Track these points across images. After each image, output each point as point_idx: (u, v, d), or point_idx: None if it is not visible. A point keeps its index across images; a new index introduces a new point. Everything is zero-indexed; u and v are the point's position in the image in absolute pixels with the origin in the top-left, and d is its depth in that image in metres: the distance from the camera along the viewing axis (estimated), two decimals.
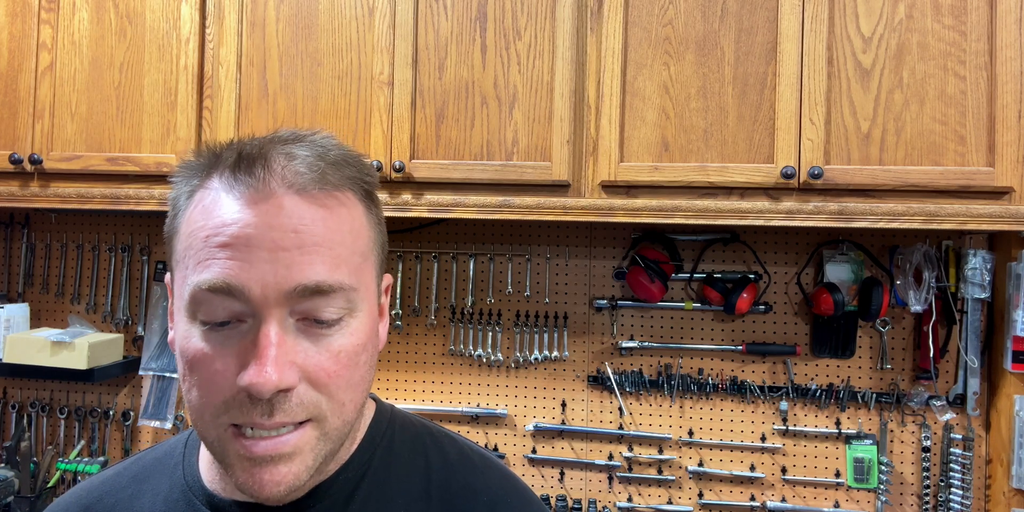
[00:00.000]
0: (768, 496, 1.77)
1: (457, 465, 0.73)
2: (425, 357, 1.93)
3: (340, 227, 0.60)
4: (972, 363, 1.65)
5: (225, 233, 0.56)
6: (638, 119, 1.50)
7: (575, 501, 1.84)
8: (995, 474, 1.65)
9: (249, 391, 0.54)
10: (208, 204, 0.58)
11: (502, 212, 1.54)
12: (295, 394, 0.56)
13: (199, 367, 0.57)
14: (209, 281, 0.55)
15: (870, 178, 1.42)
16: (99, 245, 2.08)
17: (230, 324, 0.57)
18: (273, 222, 0.56)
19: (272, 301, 0.56)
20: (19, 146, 1.71)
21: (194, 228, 0.58)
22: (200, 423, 0.58)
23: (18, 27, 1.73)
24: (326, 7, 1.61)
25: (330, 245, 0.58)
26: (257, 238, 0.56)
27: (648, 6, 1.51)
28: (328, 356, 0.58)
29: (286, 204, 0.57)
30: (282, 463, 0.56)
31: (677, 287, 1.84)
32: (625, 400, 1.84)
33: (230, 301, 0.56)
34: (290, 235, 0.56)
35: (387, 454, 0.71)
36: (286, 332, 0.56)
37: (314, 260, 0.57)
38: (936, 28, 1.42)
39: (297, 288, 0.56)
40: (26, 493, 1.86)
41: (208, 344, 0.57)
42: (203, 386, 0.57)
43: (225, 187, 0.58)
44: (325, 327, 0.58)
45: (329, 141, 0.64)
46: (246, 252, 0.56)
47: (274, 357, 0.54)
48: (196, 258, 0.57)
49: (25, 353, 1.87)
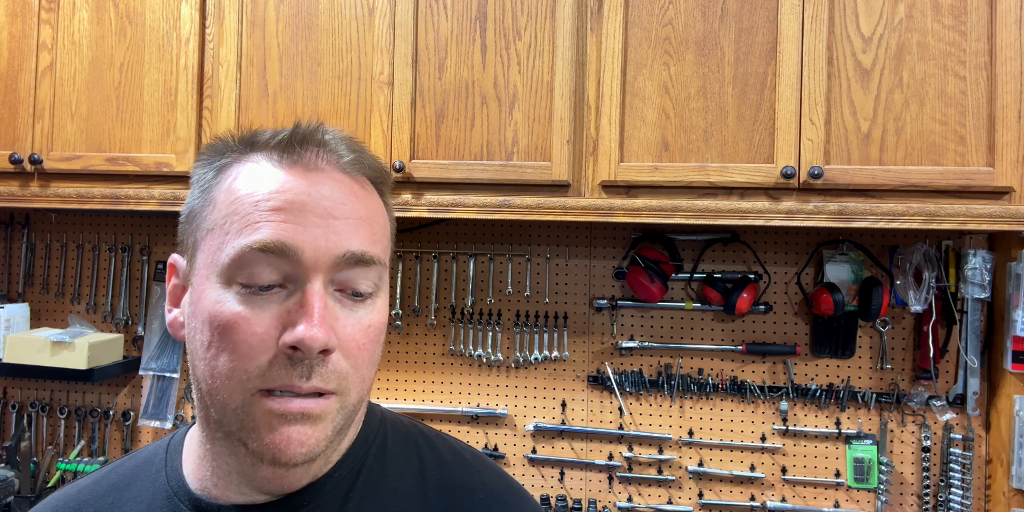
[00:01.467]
0: (768, 496, 1.77)
1: (451, 464, 0.73)
2: (425, 357, 1.93)
3: (375, 207, 0.65)
4: (972, 363, 1.65)
5: (278, 198, 0.59)
6: (638, 119, 1.50)
7: (575, 501, 1.84)
8: (995, 474, 1.65)
9: (300, 346, 0.55)
10: (253, 174, 0.61)
11: (502, 212, 1.54)
12: (331, 360, 0.58)
13: (234, 331, 0.57)
14: (262, 241, 0.57)
15: (870, 178, 1.42)
16: (99, 245, 2.08)
17: (272, 289, 0.58)
18: (325, 192, 0.60)
19: (321, 265, 0.58)
20: (19, 146, 1.71)
21: (239, 195, 0.60)
22: (224, 390, 0.58)
23: (18, 27, 1.73)
24: (326, 7, 1.61)
25: (370, 222, 0.62)
26: (311, 205, 0.59)
27: (648, 6, 1.51)
28: (360, 328, 0.60)
29: (335, 178, 0.62)
30: (309, 424, 0.57)
31: (677, 287, 1.84)
32: (625, 400, 1.84)
33: (280, 262, 0.57)
34: (339, 206, 0.60)
35: (381, 452, 0.71)
36: (328, 297, 0.59)
37: (360, 231, 0.60)
38: (936, 28, 1.42)
39: (346, 254, 0.59)
40: (26, 493, 1.86)
41: (247, 307, 0.57)
42: (238, 350, 0.57)
43: (274, 160, 0.62)
44: (359, 300, 0.61)
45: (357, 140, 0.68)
46: (300, 216, 0.58)
47: (322, 316, 0.56)
48: (244, 222, 0.58)
49: (25, 353, 1.87)
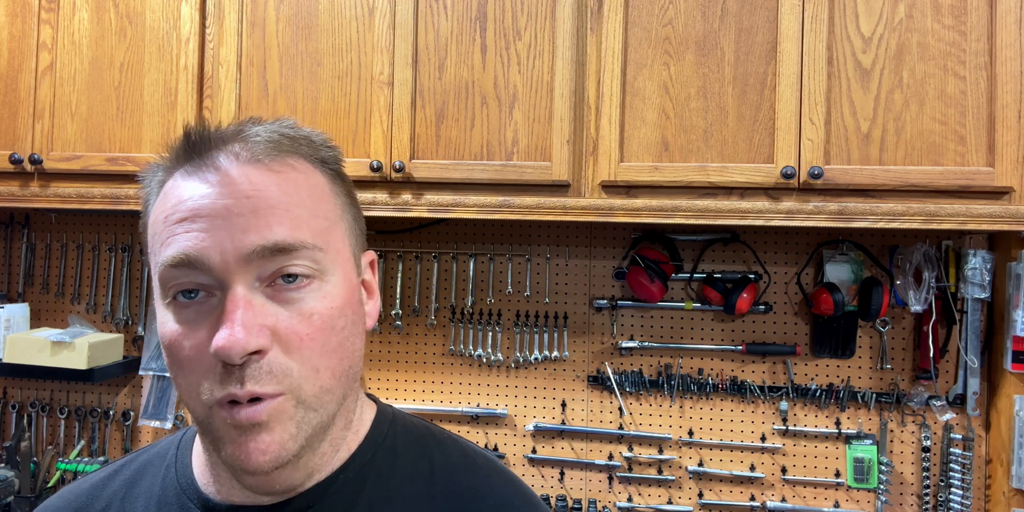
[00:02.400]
0: (768, 496, 1.77)
1: (461, 467, 0.72)
2: (425, 357, 1.93)
3: (296, 190, 0.60)
4: (972, 363, 1.65)
5: (182, 209, 0.58)
6: (638, 119, 1.50)
7: (575, 501, 1.84)
8: (995, 474, 1.65)
9: (219, 355, 0.54)
10: (169, 191, 0.60)
11: (502, 212, 1.54)
12: (266, 361, 0.56)
13: (177, 349, 0.57)
14: (170, 256, 0.56)
15: (870, 178, 1.42)
16: (99, 245, 2.08)
17: (199, 299, 0.57)
18: (224, 191, 0.57)
19: (234, 266, 0.56)
20: (19, 146, 1.71)
21: (157, 215, 0.60)
22: (190, 405, 0.59)
23: (18, 27, 1.73)
24: (326, 7, 1.61)
25: (286, 206, 0.59)
26: (209, 207, 0.57)
27: (648, 6, 1.51)
28: (300, 319, 0.57)
29: (235, 172, 0.59)
30: (264, 432, 0.56)
31: (677, 287, 1.84)
32: (625, 400, 1.84)
33: (194, 274, 0.56)
34: (243, 201, 0.57)
35: (390, 455, 0.70)
36: (253, 295, 0.56)
37: (271, 221, 0.57)
38: (936, 28, 1.42)
39: (256, 249, 0.56)
40: (26, 493, 1.86)
41: (181, 324, 0.57)
42: (183, 366, 0.57)
43: (183, 174, 0.60)
44: (295, 289, 0.58)
45: (288, 122, 0.65)
46: (201, 222, 0.57)
47: (241, 319, 0.54)
48: (160, 239, 0.58)
49: (25, 353, 1.87)
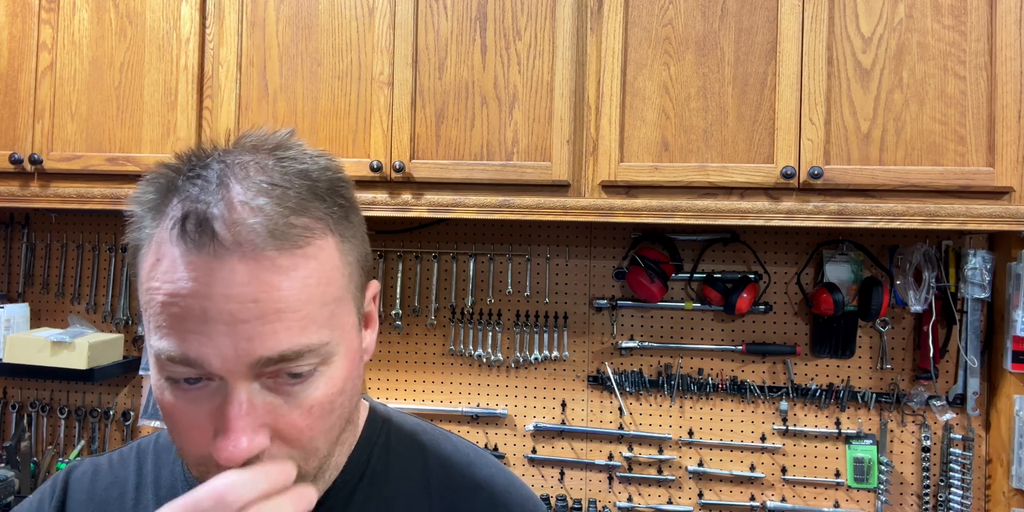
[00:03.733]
0: (768, 496, 1.77)
1: (455, 462, 0.74)
2: (425, 357, 1.93)
3: (306, 285, 0.54)
4: (972, 363, 1.65)
5: (180, 305, 0.52)
6: (638, 119, 1.50)
7: (575, 501, 1.84)
8: (995, 474, 1.65)
9: (221, 463, 0.53)
10: (163, 262, 0.54)
11: (502, 212, 1.54)
12: (266, 453, 0.55)
13: (174, 419, 0.56)
14: (168, 352, 0.53)
15: (870, 178, 1.42)
16: (99, 245, 2.08)
17: (199, 385, 0.55)
18: (229, 293, 0.52)
19: (236, 372, 0.53)
20: (19, 146, 1.71)
21: (150, 286, 0.54)
22: (184, 457, 0.59)
23: (18, 27, 1.73)
24: (326, 7, 1.61)
25: (295, 308, 0.54)
26: (214, 311, 0.52)
27: (648, 6, 1.51)
28: (300, 412, 0.56)
29: (241, 272, 0.52)
30: None
31: (677, 287, 1.84)
32: (625, 400, 1.84)
33: (192, 370, 0.54)
34: (249, 306, 0.52)
35: (384, 453, 0.71)
36: (254, 395, 0.54)
37: (277, 328, 0.53)
38: (936, 28, 1.42)
39: (260, 360, 0.53)
40: (26, 493, 1.86)
41: (180, 401, 0.55)
42: (180, 436, 0.57)
43: (178, 244, 0.53)
44: (297, 383, 0.55)
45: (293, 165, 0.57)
46: (203, 326, 0.52)
47: (243, 427, 0.53)
48: (155, 322, 0.54)
49: (25, 353, 1.87)
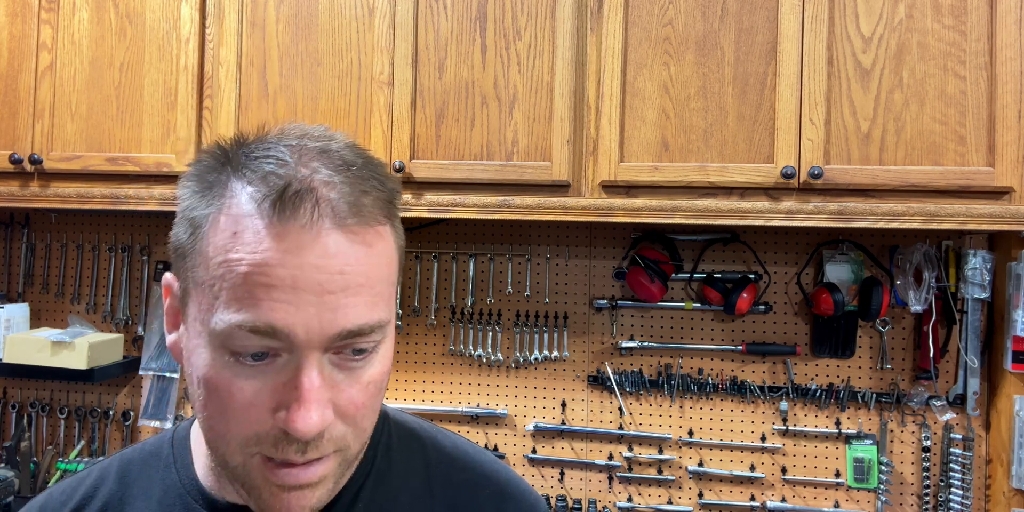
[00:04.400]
0: (768, 496, 1.77)
1: (456, 459, 0.75)
2: (425, 357, 1.93)
3: (380, 263, 0.59)
4: (972, 363, 1.65)
5: (269, 273, 0.53)
6: (638, 119, 1.50)
7: (575, 501, 1.84)
8: (995, 474, 1.65)
9: (294, 434, 0.54)
10: (244, 234, 0.54)
11: (502, 212, 1.54)
12: (327, 431, 0.56)
13: (229, 399, 0.55)
14: (252, 323, 0.53)
15: (870, 178, 1.42)
16: (99, 245, 2.08)
17: (265, 359, 0.55)
18: (320, 263, 0.54)
19: (316, 344, 0.54)
20: (19, 146, 1.71)
21: (228, 258, 0.54)
22: (223, 449, 0.57)
23: (18, 27, 1.73)
24: (326, 7, 1.61)
25: (373, 283, 0.57)
26: (304, 281, 0.54)
27: (648, 6, 1.51)
28: (359, 389, 0.58)
29: (331, 244, 0.55)
30: (308, 490, 0.58)
31: (677, 287, 1.84)
32: (625, 400, 1.84)
33: (271, 341, 0.54)
34: (336, 277, 0.55)
35: (387, 452, 0.72)
36: (323, 367, 0.56)
37: (358, 302, 0.56)
38: (936, 28, 1.42)
39: (342, 333, 0.55)
40: (26, 493, 1.86)
41: (240, 377, 0.55)
42: (232, 417, 0.56)
43: (266, 214, 0.54)
44: (359, 360, 0.58)
45: (349, 152, 0.60)
46: (292, 295, 0.53)
47: (316, 400, 0.54)
48: (233, 294, 0.54)
49: (25, 353, 1.87)
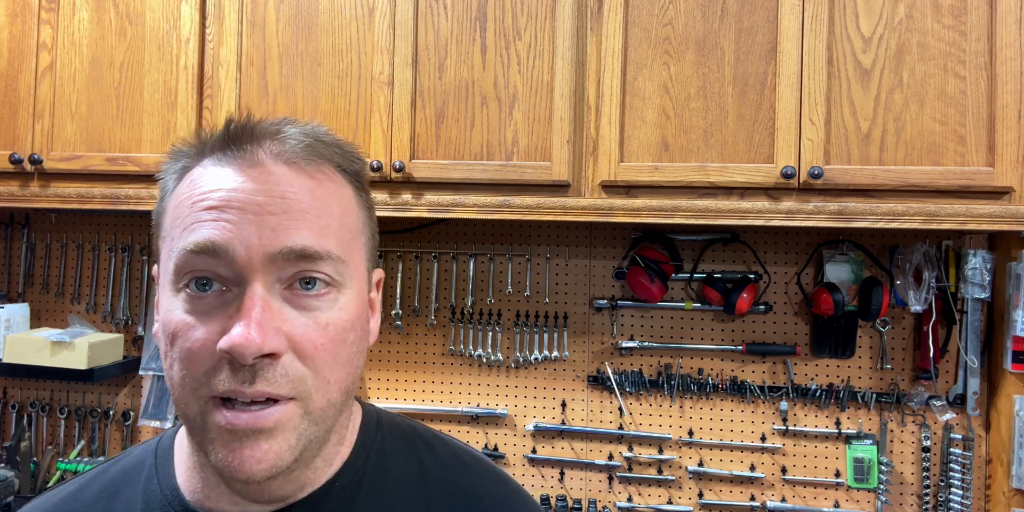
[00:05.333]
0: (768, 496, 1.77)
1: (453, 467, 0.72)
2: (425, 357, 1.93)
3: (328, 198, 0.60)
4: (972, 363, 1.65)
5: (212, 197, 0.57)
6: (638, 119, 1.50)
7: (575, 501, 1.84)
8: (995, 474, 1.65)
9: (231, 351, 0.53)
10: (197, 178, 0.60)
11: (502, 212, 1.54)
12: (280, 364, 0.55)
13: (181, 337, 0.56)
14: (194, 241, 0.55)
15: (870, 178, 1.42)
16: (99, 245, 2.08)
17: (214, 292, 0.56)
18: (260, 187, 0.57)
19: (258, 264, 0.55)
20: (19, 146, 1.71)
21: (182, 199, 0.59)
22: (182, 399, 0.57)
23: (18, 27, 1.73)
24: (326, 7, 1.61)
25: (318, 214, 0.59)
26: (244, 201, 0.57)
27: (648, 6, 1.51)
28: (316, 327, 0.57)
29: (275, 171, 0.59)
30: (263, 439, 0.55)
31: (677, 287, 1.84)
32: (625, 400, 1.84)
33: (216, 263, 0.55)
34: (277, 200, 0.57)
35: (381, 458, 0.69)
36: (272, 297, 0.56)
37: (301, 226, 0.57)
38: (936, 28, 1.42)
39: (283, 251, 0.56)
40: (26, 493, 1.86)
41: (190, 313, 0.56)
42: (185, 357, 0.56)
43: (214, 161, 0.60)
44: (313, 297, 0.58)
45: (322, 129, 0.65)
46: (232, 213, 0.56)
47: (258, 319, 0.54)
48: (182, 225, 0.57)
49: (25, 353, 1.87)
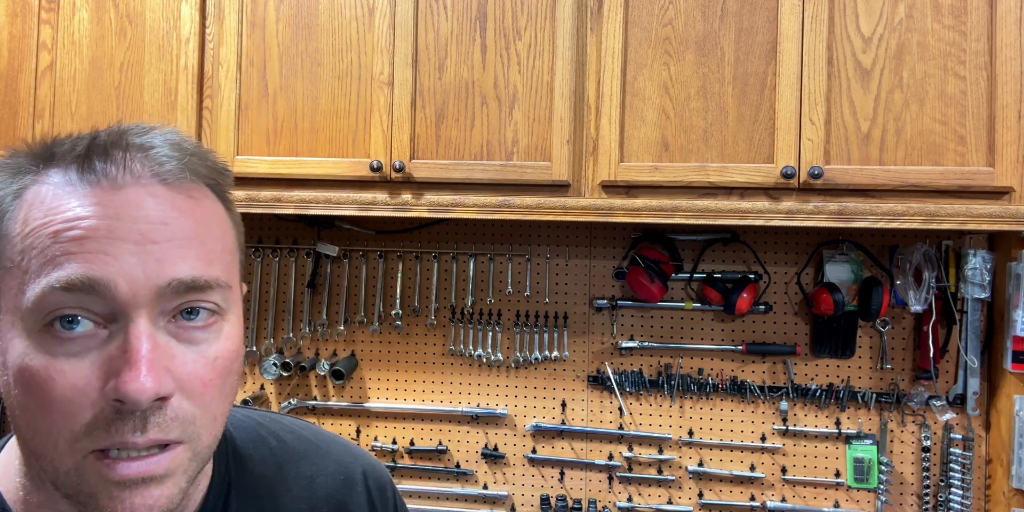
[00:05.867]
0: (768, 496, 1.77)
1: (303, 452, 0.72)
2: (425, 357, 1.93)
3: (208, 220, 0.55)
4: (972, 363, 1.65)
5: (81, 226, 0.49)
6: (638, 119, 1.50)
7: (575, 501, 1.84)
8: (995, 474, 1.65)
9: (125, 400, 0.48)
10: (51, 199, 0.51)
11: (502, 212, 1.54)
12: (170, 406, 0.50)
13: (49, 387, 0.48)
14: (66, 278, 0.48)
15: (870, 178, 1.42)
16: None
17: (85, 332, 0.49)
18: (139, 213, 0.50)
19: (142, 299, 0.49)
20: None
21: (34, 227, 0.50)
22: (51, 453, 0.50)
23: (18, 27, 1.73)
24: (326, 7, 1.61)
25: (202, 239, 0.53)
26: (122, 230, 0.49)
27: (648, 6, 1.51)
28: (204, 363, 0.52)
29: (152, 193, 0.51)
30: (153, 486, 0.50)
31: (677, 287, 1.84)
32: (625, 400, 1.84)
33: (91, 300, 0.49)
34: (159, 227, 0.51)
35: (238, 461, 0.67)
36: (157, 332, 0.50)
37: (187, 254, 0.51)
38: (936, 28, 1.42)
39: (171, 283, 0.50)
40: None
41: (60, 358, 0.49)
42: (56, 408, 0.49)
43: (74, 179, 0.51)
44: (200, 329, 0.53)
45: (180, 133, 0.58)
46: (109, 245, 0.49)
47: (149, 360, 0.48)
48: (42, 257, 0.49)
49: None
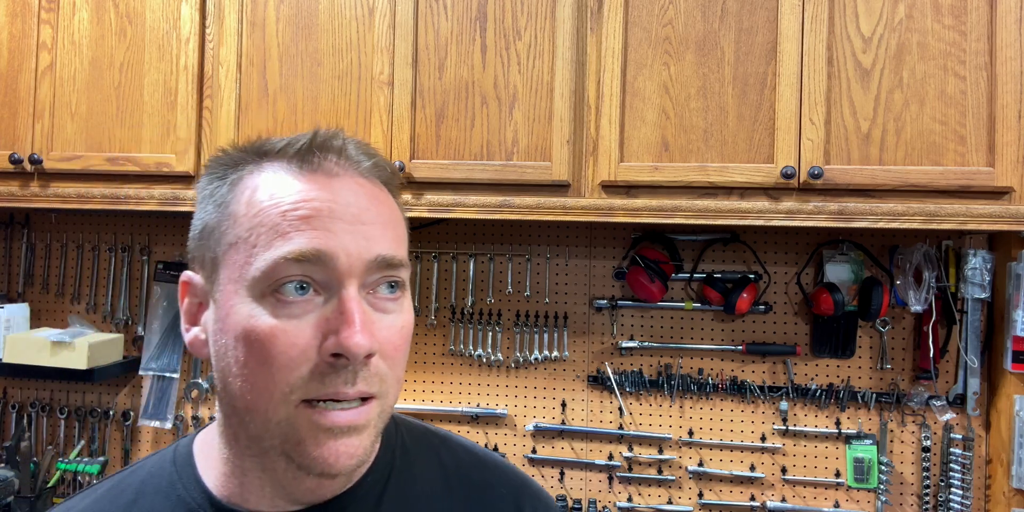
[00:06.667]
0: (768, 496, 1.77)
1: (469, 463, 0.78)
2: (425, 357, 1.93)
3: (393, 210, 0.66)
4: (972, 363, 1.65)
5: (306, 206, 0.59)
6: (638, 119, 1.50)
7: (575, 501, 1.84)
8: (995, 474, 1.65)
9: (347, 353, 0.56)
10: (274, 184, 0.61)
11: (502, 212, 1.54)
12: (372, 363, 0.59)
13: (272, 344, 0.57)
14: (297, 251, 0.57)
15: (870, 178, 1.42)
16: (99, 245, 2.08)
17: (307, 297, 0.58)
18: (350, 198, 0.61)
19: (355, 270, 0.59)
20: (19, 146, 1.71)
21: (263, 207, 0.60)
22: (265, 404, 0.58)
23: (18, 27, 1.73)
24: (326, 7, 1.61)
25: (393, 225, 0.64)
26: (339, 211, 0.60)
27: (648, 6, 1.51)
28: (395, 330, 0.62)
29: (360, 184, 0.63)
30: (355, 435, 0.59)
31: (677, 287, 1.84)
32: (625, 400, 1.84)
33: (314, 270, 0.58)
34: (365, 211, 0.61)
35: (404, 454, 0.74)
36: (361, 300, 0.60)
37: (387, 234, 0.62)
38: (936, 28, 1.42)
39: (377, 258, 0.60)
40: (26, 493, 1.86)
41: (283, 319, 0.57)
42: (277, 362, 0.57)
43: (293, 169, 0.62)
44: (392, 301, 0.62)
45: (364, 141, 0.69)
46: (330, 222, 0.59)
47: (363, 321, 0.57)
48: (272, 233, 0.59)
49: (25, 353, 1.87)
